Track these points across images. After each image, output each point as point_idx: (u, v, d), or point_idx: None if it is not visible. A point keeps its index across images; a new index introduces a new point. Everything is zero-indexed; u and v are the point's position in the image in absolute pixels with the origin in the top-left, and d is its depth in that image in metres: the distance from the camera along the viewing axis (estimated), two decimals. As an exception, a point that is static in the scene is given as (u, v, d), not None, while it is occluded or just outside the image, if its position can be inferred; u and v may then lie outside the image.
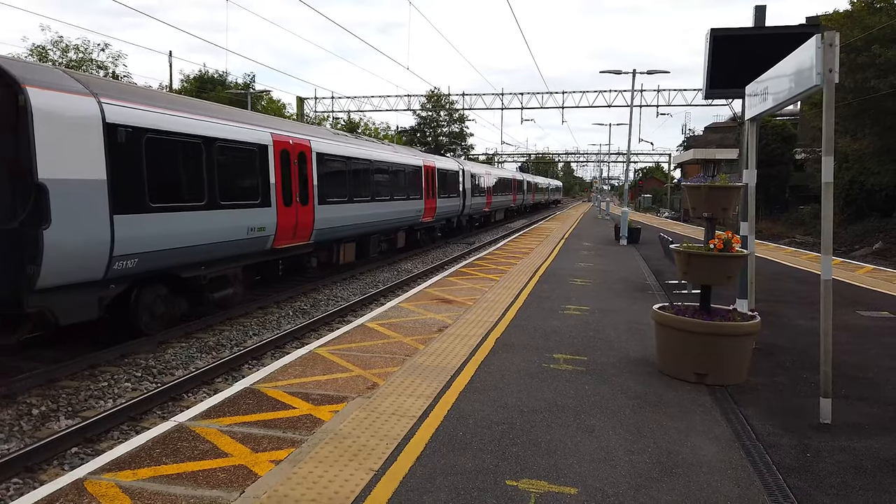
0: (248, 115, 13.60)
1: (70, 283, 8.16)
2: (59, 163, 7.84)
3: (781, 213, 39.73)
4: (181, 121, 10.24)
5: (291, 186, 13.40)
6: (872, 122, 26.06)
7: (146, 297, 9.89)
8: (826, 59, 5.13)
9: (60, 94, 8.06)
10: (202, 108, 11.67)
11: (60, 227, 7.77)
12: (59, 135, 7.87)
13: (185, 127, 10.30)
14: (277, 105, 57.17)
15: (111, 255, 8.65)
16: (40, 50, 38.08)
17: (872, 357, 7.74)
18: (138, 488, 4.12)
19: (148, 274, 9.67)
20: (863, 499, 4.14)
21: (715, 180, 7.19)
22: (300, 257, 14.70)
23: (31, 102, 7.54)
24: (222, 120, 11.56)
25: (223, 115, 11.95)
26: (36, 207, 7.57)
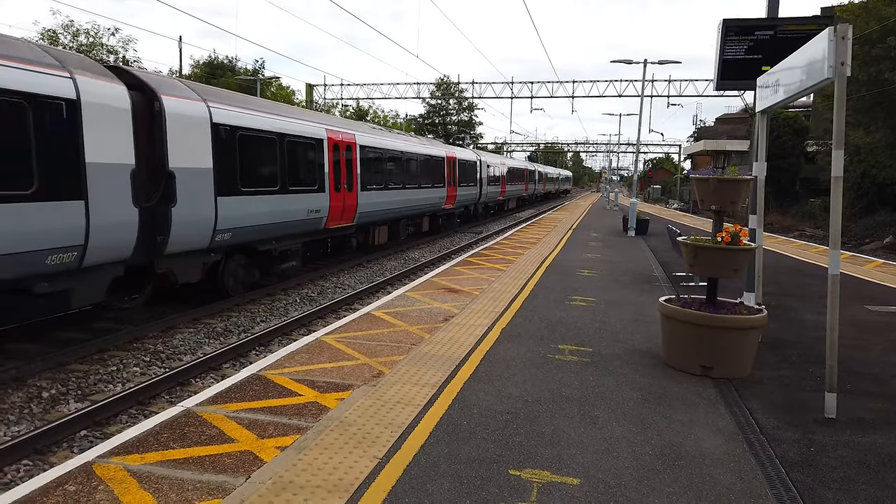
0: (307, 114, 15.92)
1: (186, 251, 10.24)
2: (182, 155, 9.83)
3: (792, 206, 39.47)
4: (262, 119, 12.25)
5: (340, 175, 15.41)
6: (886, 115, 25.77)
7: (231, 266, 11.91)
8: (838, 52, 5.08)
9: (182, 101, 10.10)
10: (275, 108, 13.85)
11: (183, 206, 9.80)
12: (182, 132, 9.88)
13: (265, 125, 12.31)
14: (287, 92, 57.07)
15: (214, 229, 10.67)
16: (51, 34, 38.13)
17: (879, 352, 7.71)
18: (146, 472, 4.17)
19: (236, 246, 11.69)
20: (865, 494, 4.15)
21: (724, 173, 7.16)
22: (345, 237, 16.82)
23: (165, 107, 9.56)
24: (290, 118, 13.62)
25: (290, 113, 14.17)
26: (166, 190, 9.58)
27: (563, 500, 3.94)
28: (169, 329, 10.10)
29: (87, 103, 8.23)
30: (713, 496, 4.04)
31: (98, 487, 3.96)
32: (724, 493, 4.08)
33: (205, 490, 3.97)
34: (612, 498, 3.98)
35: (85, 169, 8.19)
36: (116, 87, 8.89)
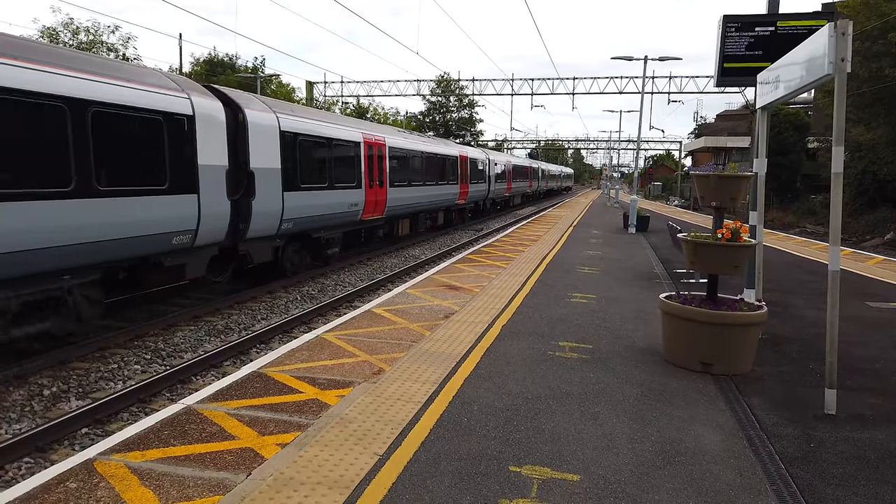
0: (347, 120, 19.16)
1: (260, 237, 12.29)
2: (259, 157, 11.92)
3: (792, 203, 39.44)
4: (315, 126, 14.47)
5: (373, 173, 17.52)
6: (886, 111, 25.72)
7: (290, 250, 13.93)
8: (839, 48, 5.08)
9: (259, 112, 12.25)
10: (324, 115, 16.62)
11: (260, 200, 11.87)
12: (259, 138, 11.99)
13: (317, 130, 14.49)
14: (287, 89, 57.03)
15: (281, 218, 12.75)
16: (51, 32, 38.12)
17: (879, 348, 7.71)
18: (147, 469, 4.19)
19: (295, 234, 13.73)
20: (865, 490, 4.15)
21: (724, 169, 7.15)
22: (374, 228, 18.89)
23: (247, 118, 11.71)
24: (336, 124, 16.07)
25: (335, 120, 16.89)
26: (248, 187, 11.62)
27: (563, 496, 3.95)
28: (170, 327, 10.12)
29: (199, 117, 10.32)
30: (713, 492, 4.04)
31: (99, 484, 3.97)
32: (723, 490, 4.08)
33: (206, 487, 3.98)
34: (612, 494, 3.99)
35: (198, 170, 10.27)
36: (215, 103, 10.99)
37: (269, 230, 12.51)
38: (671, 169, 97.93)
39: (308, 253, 14.85)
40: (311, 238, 14.54)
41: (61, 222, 7.84)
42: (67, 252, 7.98)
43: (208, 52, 50.66)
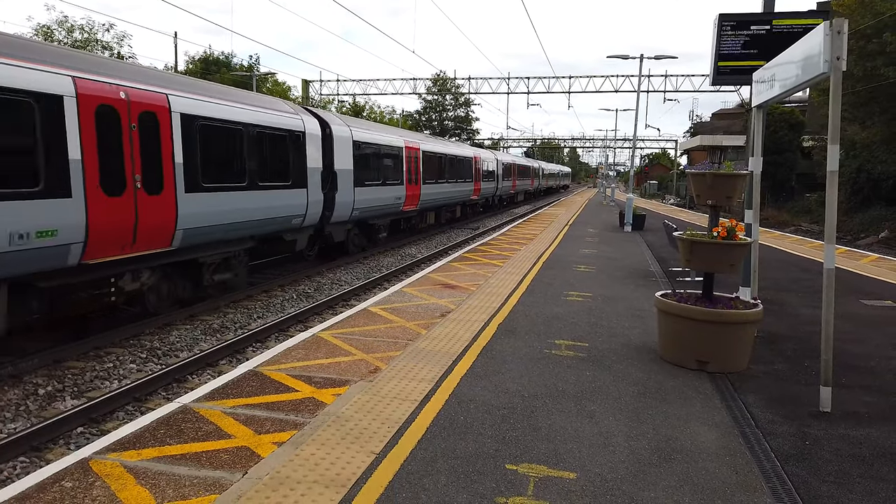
0: (393, 129, 23.13)
1: (339, 222, 16.13)
2: (339, 161, 15.69)
3: (788, 201, 39.54)
4: (373, 135, 18.58)
5: (411, 172, 21.28)
6: (881, 110, 25.83)
7: (354, 233, 17.75)
8: (834, 47, 5.09)
9: (339, 126, 16.09)
10: (380, 127, 21.24)
11: (340, 193, 15.64)
12: (339, 147, 15.72)
13: (375, 139, 18.56)
14: (283, 88, 56.96)
15: (353, 208, 16.59)
16: (45, 30, 37.97)
17: (874, 346, 7.74)
18: (143, 468, 4.18)
19: (359, 220, 17.65)
20: (860, 487, 4.17)
21: (720, 168, 7.17)
22: (410, 218, 22.66)
23: (333, 132, 15.41)
24: (387, 133, 20.43)
25: (386, 130, 21.26)
26: (332, 183, 15.28)
27: (559, 494, 3.95)
28: (165, 326, 10.09)
29: (307, 133, 14.10)
30: (709, 490, 4.05)
31: (95, 483, 3.96)
32: (719, 487, 4.09)
33: (202, 486, 3.97)
34: (608, 492, 3.99)
35: (307, 171, 13.95)
36: (314, 121, 14.75)
37: (344, 217, 16.37)
38: (667, 167, 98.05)
39: (365, 236, 18.66)
40: (367, 224, 18.49)
41: (242, 206, 11.65)
42: (241, 226, 11.72)
43: (204, 50, 50.52)
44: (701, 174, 7.06)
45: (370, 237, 18.90)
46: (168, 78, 10.79)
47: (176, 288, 10.75)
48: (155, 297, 10.24)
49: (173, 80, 10.87)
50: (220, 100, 11.19)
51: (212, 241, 11.00)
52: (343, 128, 16.26)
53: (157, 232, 9.54)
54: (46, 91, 7.68)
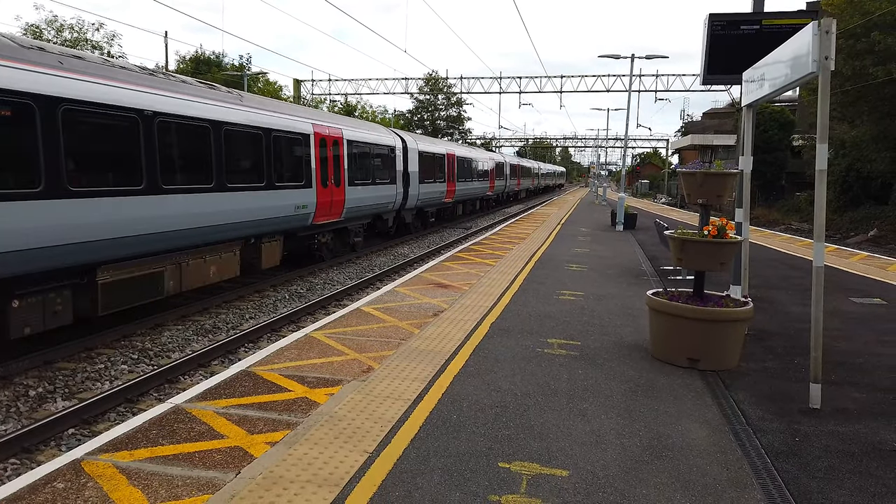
0: (439, 142, 30.85)
1: (409, 208, 22.78)
2: (411, 165, 22.29)
3: (778, 200, 39.80)
4: (428, 147, 25.30)
5: (448, 173, 27.63)
6: (870, 109, 26.03)
7: (414, 218, 24.19)
8: (822, 47, 5.13)
9: (411, 141, 23.04)
10: (430, 140, 28.87)
11: (411, 188, 22.34)
12: (411, 156, 22.44)
13: (429, 149, 25.15)
14: (274, 87, 56.76)
15: (417, 199, 23.21)
16: (35, 29, 37.71)
17: (863, 343, 7.81)
18: (135, 469, 4.17)
19: (419, 208, 24.25)
20: (849, 482, 4.21)
21: (710, 167, 7.21)
22: (447, 207, 29.46)
23: (407, 146, 22.26)
24: (434, 144, 27.28)
25: (435, 142, 28.60)
26: (406, 181, 21.84)
27: (551, 491, 3.97)
28: (157, 326, 10.06)
29: (396, 147, 21.01)
30: (700, 486, 4.08)
31: (87, 484, 3.95)
32: (710, 484, 4.12)
33: (194, 486, 3.96)
34: (600, 489, 4.02)
35: (396, 173, 20.84)
36: (398, 138, 21.75)
37: (413, 205, 23.20)
38: (658, 167, 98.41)
39: (420, 220, 25.29)
40: (423, 211, 25.23)
41: (370, 195, 18.42)
42: (370, 208, 18.70)
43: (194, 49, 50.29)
44: (692, 173, 7.11)
45: (424, 221, 25.92)
46: (340, 118, 18.86)
47: (336, 244, 17.20)
48: (327, 248, 16.51)
49: (343, 119, 19.09)
50: (363, 130, 18.96)
51: (356, 217, 17.78)
52: (413, 142, 23.38)
53: (337, 208, 16.09)
54: (306, 132, 14.60)
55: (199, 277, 10.98)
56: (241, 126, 11.91)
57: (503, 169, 43.98)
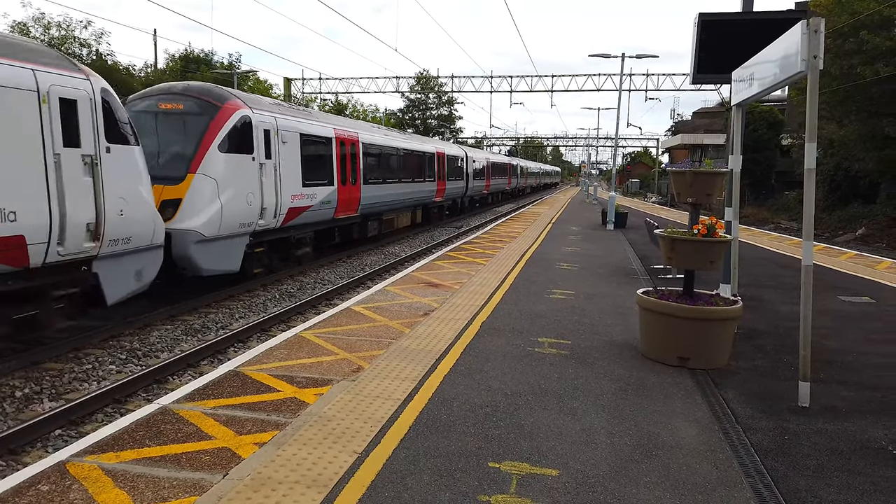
0: (455, 147, 35.19)
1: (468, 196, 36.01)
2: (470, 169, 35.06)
3: (767, 199, 40.01)
4: (477, 154, 38.54)
5: (486, 174, 37.33)
6: (858, 108, 26.18)
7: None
8: (811, 46, 5.15)
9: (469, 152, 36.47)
10: (475, 150, 43.65)
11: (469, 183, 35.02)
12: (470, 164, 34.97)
13: (479, 157, 38.64)
14: (264, 86, 56.53)
15: (467, 188, 34.83)
16: (22, 27, 37.36)
17: (851, 341, 7.85)
18: (121, 470, 4.12)
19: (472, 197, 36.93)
20: (838, 480, 4.23)
21: (700, 166, 7.23)
22: (486, 196, 41.20)
23: (468, 156, 34.84)
24: (479, 153, 40.40)
25: (479, 152, 41.88)
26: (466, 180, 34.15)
27: (541, 491, 3.96)
28: (145, 326, 9.98)
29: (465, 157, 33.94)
30: (690, 485, 4.08)
31: (72, 487, 3.90)
32: (700, 483, 4.13)
33: (181, 488, 3.93)
34: (590, 489, 4.01)
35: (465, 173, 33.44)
36: (462, 151, 34.16)
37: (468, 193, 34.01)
38: (649, 166, 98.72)
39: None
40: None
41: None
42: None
43: (184, 48, 49.99)
44: (681, 172, 7.13)
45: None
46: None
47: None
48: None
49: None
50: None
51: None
52: (460, 152, 33.23)
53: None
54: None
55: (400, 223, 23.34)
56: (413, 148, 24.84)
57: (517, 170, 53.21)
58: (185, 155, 11.36)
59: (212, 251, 11.22)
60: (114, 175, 8.49)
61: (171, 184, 10.80)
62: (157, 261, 9.66)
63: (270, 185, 12.96)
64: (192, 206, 10.93)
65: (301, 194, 14.29)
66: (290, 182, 13.77)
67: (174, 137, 11.62)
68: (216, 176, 11.32)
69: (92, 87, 8.27)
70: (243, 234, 12.23)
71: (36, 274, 7.58)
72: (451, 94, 65.20)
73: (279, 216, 13.42)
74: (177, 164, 11.24)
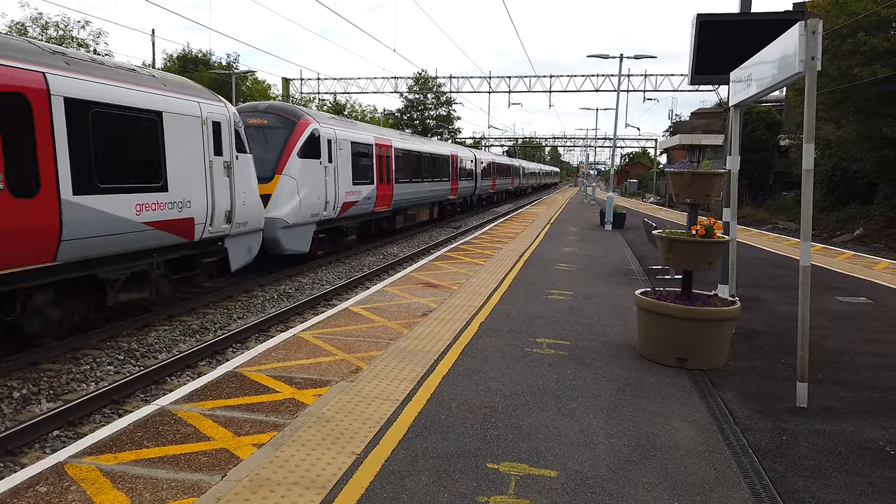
0: (466, 150, 37.24)
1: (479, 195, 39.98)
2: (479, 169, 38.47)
3: (765, 199, 40.06)
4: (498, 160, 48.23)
5: (479, 173, 37.22)
6: (856, 109, 26.21)
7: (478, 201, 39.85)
8: (809, 47, 5.15)
9: (479, 155, 40.31)
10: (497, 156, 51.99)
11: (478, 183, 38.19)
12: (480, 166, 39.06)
13: (503, 161, 50.57)
14: (262, 86, 56.51)
15: (476, 187, 37.96)
16: (19, 27, 37.32)
17: (849, 342, 7.86)
18: (119, 472, 4.12)
19: (480, 195, 39.69)
20: (835, 481, 4.23)
21: (698, 167, 7.23)
22: (493, 195, 44.80)
23: (477, 160, 37.79)
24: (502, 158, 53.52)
25: (504, 159, 54.54)
26: (475, 180, 37.23)
27: (540, 492, 3.96)
28: (144, 327, 9.97)
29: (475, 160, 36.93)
30: (688, 486, 4.09)
31: (70, 488, 3.90)
32: (698, 483, 4.13)
33: (180, 489, 3.92)
34: (588, 489, 4.01)
35: (474, 174, 36.43)
36: (472, 154, 37.14)
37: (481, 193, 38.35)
38: (647, 166, 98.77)
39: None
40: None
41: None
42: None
43: (182, 48, 49.96)
44: (679, 173, 7.13)
45: (478, 203, 38.16)
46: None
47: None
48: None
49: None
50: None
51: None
52: (476, 156, 36.80)
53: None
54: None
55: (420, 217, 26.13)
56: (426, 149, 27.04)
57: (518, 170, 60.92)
58: (272, 160, 14.36)
59: (292, 235, 14.34)
60: (239, 176, 11.52)
61: (262, 182, 13.27)
62: (259, 240, 12.73)
63: (332, 183, 16.15)
64: (279, 200, 14.04)
65: (351, 191, 17.51)
66: (344, 181, 16.96)
67: (262, 146, 14.38)
68: (296, 176, 14.52)
69: (228, 112, 11.35)
70: (312, 222, 15.38)
71: (195, 245, 10.68)
72: (449, 95, 65.24)
73: (336, 209, 16.58)
74: (266, 167, 14.00)
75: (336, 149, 16.51)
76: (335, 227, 17.10)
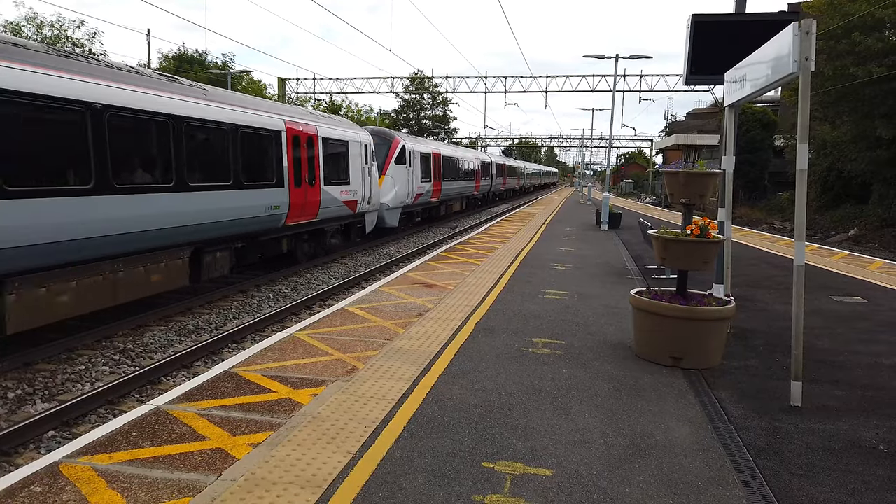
0: (485, 154, 46.25)
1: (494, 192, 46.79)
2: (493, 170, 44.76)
3: (760, 199, 40.18)
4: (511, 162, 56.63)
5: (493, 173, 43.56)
6: (850, 109, 26.34)
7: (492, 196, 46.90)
8: (803, 47, 5.18)
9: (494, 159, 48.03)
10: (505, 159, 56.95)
11: (493, 182, 44.05)
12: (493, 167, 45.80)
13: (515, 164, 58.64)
14: (258, 86, 56.43)
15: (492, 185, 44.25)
16: (14, 26, 37.19)
17: (843, 341, 7.90)
18: (114, 472, 4.11)
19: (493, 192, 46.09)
20: (829, 479, 4.25)
21: (693, 167, 7.26)
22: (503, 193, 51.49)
23: (493, 162, 45.13)
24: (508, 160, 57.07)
25: (515, 161, 62.15)
26: (491, 179, 43.28)
27: (535, 491, 3.97)
28: (139, 327, 9.95)
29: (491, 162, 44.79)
30: (683, 484, 4.10)
31: (65, 488, 3.89)
32: (693, 482, 4.15)
33: (175, 489, 3.92)
34: (584, 488, 4.02)
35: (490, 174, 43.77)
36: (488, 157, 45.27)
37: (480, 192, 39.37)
38: (643, 166, 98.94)
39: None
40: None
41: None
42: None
43: (177, 47, 49.88)
44: (674, 173, 7.15)
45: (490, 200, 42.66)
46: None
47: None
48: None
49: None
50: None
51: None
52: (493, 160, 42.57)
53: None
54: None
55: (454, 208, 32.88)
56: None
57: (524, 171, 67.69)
58: (380, 166, 21.10)
59: (391, 214, 21.80)
60: (371, 176, 18.85)
61: None
62: (377, 217, 20.16)
63: (411, 181, 23.54)
64: (385, 191, 21.13)
65: (420, 187, 24.76)
66: (416, 180, 24.26)
67: None
68: (393, 176, 22.07)
69: (370, 138, 19.17)
70: (400, 206, 22.71)
71: (355, 216, 18.13)
72: (445, 95, 65.28)
73: (412, 198, 23.90)
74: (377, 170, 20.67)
75: (412, 158, 23.84)
76: (410, 210, 24.52)
